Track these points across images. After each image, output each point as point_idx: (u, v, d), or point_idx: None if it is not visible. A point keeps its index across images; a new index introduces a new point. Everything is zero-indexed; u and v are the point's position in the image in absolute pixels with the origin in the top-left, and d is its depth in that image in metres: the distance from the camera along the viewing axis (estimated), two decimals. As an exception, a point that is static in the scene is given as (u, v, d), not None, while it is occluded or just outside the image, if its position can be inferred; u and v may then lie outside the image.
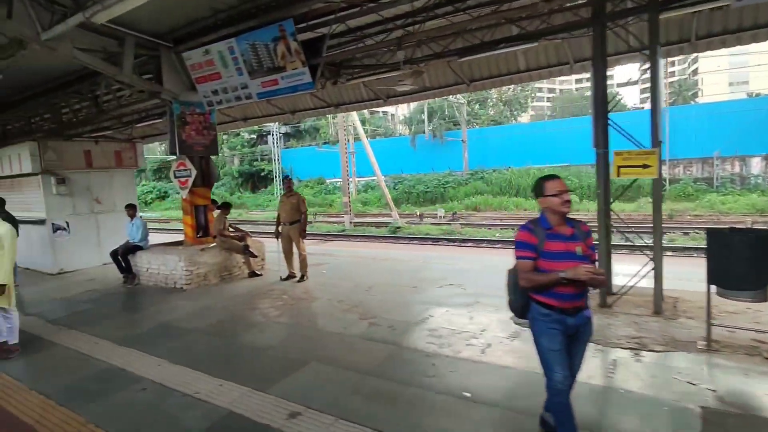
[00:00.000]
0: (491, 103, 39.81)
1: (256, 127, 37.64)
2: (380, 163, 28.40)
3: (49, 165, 8.63)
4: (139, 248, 7.55)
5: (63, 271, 8.89)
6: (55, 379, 4.12)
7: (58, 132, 10.33)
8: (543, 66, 8.52)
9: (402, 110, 54.60)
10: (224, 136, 41.93)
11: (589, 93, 57.35)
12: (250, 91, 6.79)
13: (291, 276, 7.26)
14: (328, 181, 37.81)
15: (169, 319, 5.56)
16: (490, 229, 18.87)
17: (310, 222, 24.95)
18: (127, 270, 7.47)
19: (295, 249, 7.16)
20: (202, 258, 7.07)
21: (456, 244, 16.01)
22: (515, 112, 40.45)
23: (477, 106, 38.61)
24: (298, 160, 39.94)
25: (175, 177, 7.63)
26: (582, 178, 26.78)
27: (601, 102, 5.01)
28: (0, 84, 8.23)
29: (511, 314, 2.64)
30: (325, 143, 39.09)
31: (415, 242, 17.12)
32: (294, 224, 7.06)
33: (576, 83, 72.11)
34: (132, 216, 7.66)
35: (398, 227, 19.66)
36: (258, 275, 7.56)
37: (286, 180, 7.20)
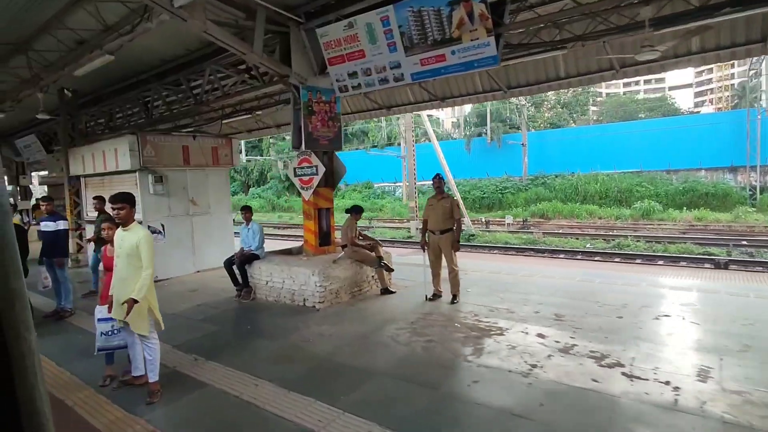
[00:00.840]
0: (549, 106, 37.75)
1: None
2: (432, 167, 27.03)
3: (148, 161, 7.77)
4: (256, 257, 6.50)
5: (158, 279, 7.93)
6: (231, 443, 3.00)
7: (143, 127, 9.59)
8: (725, 46, 6.96)
9: (448, 114, 53.15)
10: (271, 140, 41.81)
11: (638, 96, 53.98)
12: (402, 72, 5.61)
13: (437, 295, 6.02)
14: (376, 185, 36.85)
15: (327, 352, 4.38)
16: (578, 239, 17.16)
17: (370, 227, 23.85)
18: (243, 283, 6.43)
19: (444, 263, 5.92)
20: (335, 272, 5.93)
21: (546, 255, 14.53)
22: (574, 115, 38.19)
23: (533, 109, 36.69)
24: (345, 164, 39.03)
25: (296, 175, 6.56)
26: (658, 185, 24.62)
27: None
28: (99, 73, 7.47)
29: None
30: (373, 147, 38.13)
31: (496, 251, 15.70)
32: (445, 233, 5.81)
33: (624, 87, 68.38)
34: (248, 220, 6.62)
35: (472, 234, 18.24)
36: (392, 292, 6.36)
37: (436, 179, 5.95)
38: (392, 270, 6.40)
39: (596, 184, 26.52)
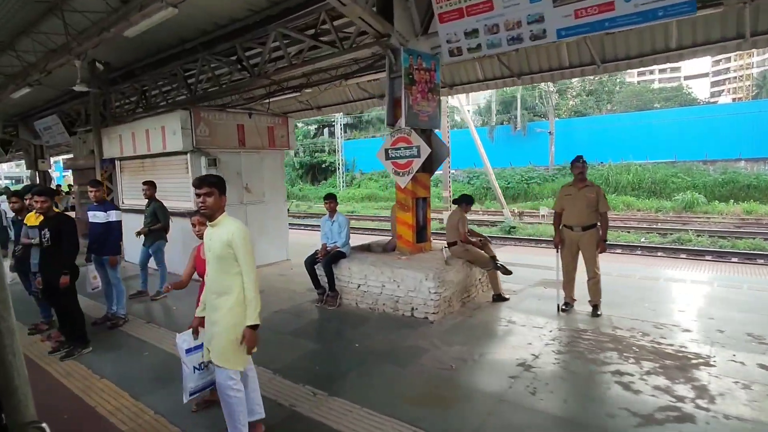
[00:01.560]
0: (574, 93, 36.36)
1: (320, 117, 35.92)
2: (458, 155, 25.84)
3: (201, 141, 6.69)
4: (343, 255, 5.45)
5: (211, 278, 6.96)
6: None
7: (186, 104, 8.48)
8: None
9: (462, 101, 51.62)
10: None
11: (654, 86, 52.24)
12: (544, 27, 4.48)
13: (569, 305, 4.97)
14: (393, 174, 35.60)
15: (489, 388, 3.34)
16: (629, 232, 16.09)
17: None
18: (328, 286, 5.38)
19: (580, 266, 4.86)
20: (449, 275, 4.87)
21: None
22: (600, 103, 36.77)
23: (557, 96, 35.30)
24: (361, 152, 38.01)
25: (389, 158, 5.47)
26: (695, 176, 23.45)
27: None
28: (137, 41, 6.37)
29: None
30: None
31: (543, 245, 14.63)
32: (588, 230, 4.74)
33: (638, 76, 66.60)
34: (332, 211, 5.55)
35: (513, 227, 17.20)
36: (506, 299, 5.32)
37: (578, 162, 4.83)
38: (510, 272, 5.32)
39: (629, 175, 25.48)
